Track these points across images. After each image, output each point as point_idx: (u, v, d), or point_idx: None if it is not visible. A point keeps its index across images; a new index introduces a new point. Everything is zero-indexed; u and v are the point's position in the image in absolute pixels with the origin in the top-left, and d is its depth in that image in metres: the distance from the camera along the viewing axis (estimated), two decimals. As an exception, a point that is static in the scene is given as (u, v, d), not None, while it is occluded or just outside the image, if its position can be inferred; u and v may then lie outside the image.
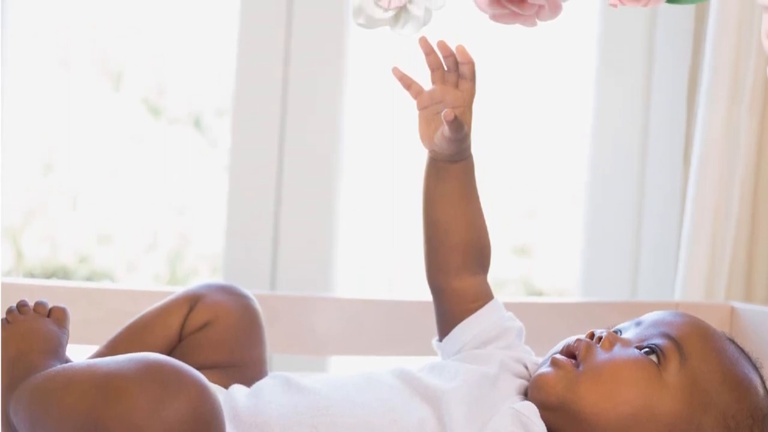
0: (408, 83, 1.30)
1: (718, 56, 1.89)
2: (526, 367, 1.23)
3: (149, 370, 0.94)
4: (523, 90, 2.18)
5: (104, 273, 2.12)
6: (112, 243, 2.12)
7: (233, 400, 1.13)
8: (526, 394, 1.17)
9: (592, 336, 1.17)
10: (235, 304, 1.28)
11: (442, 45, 1.28)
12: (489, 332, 1.28)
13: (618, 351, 1.14)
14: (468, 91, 1.28)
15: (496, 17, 1.10)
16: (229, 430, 1.07)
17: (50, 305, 1.16)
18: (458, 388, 1.14)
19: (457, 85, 1.28)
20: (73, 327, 1.17)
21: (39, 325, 1.12)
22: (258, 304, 1.31)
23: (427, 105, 1.29)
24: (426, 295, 1.35)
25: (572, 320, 1.77)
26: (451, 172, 1.30)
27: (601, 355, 1.14)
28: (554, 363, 1.15)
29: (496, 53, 2.05)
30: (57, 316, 1.15)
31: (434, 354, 1.35)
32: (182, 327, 1.26)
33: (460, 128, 1.24)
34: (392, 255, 2.16)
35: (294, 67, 1.99)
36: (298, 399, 1.12)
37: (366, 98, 2.07)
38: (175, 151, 2.12)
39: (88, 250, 2.12)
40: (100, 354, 1.24)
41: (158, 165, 2.11)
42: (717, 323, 1.59)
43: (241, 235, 2.00)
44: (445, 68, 1.29)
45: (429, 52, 1.28)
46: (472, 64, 1.27)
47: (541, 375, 1.15)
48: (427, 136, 1.29)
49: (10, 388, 1.04)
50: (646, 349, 1.14)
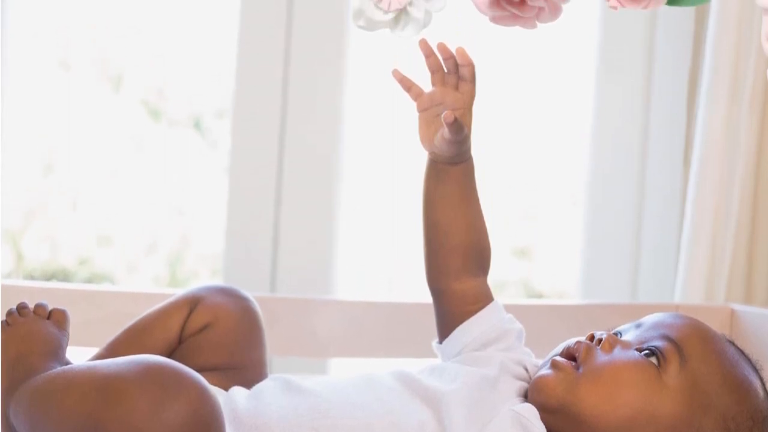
0: (408, 85, 1.30)
1: (718, 57, 1.89)
2: (526, 369, 1.23)
3: (149, 373, 0.94)
4: (523, 92, 2.18)
5: (104, 275, 2.12)
6: (112, 245, 2.12)
7: (233, 402, 1.13)
8: (526, 396, 1.17)
9: (592, 338, 1.17)
10: (235, 306, 1.28)
11: (442, 47, 1.28)
12: (489, 334, 1.28)
13: (618, 353, 1.14)
14: (468, 93, 1.28)
15: (496, 19, 1.11)
16: (229, 433, 1.07)
17: (50, 307, 1.16)
18: (458, 390, 1.14)
19: (457, 87, 1.28)
20: (73, 329, 1.17)
21: (39, 328, 1.12)
22: (258, 306, 1.31)
23: (427, 107, 1.29)
24: (426, 297, 1.35)
25: (572, 322, 1.77)
26: (451, 174, 1.30)
27: (601, 357, 1.14)
28: (554, 365, 1.15)
29: (496, 55, 2.05)
30: (57, 318, 1.15)
31: (434, 356, 1.34)
32: (182, 329, 1.26)
33: (460, 130, 1.24)
34: (392, 257, 2.15)
35: (294, 69, 1.99)
36: (299, 401, 1.12)
37: (366, 100, 2.07)
38: (175, 153, 2.12)
39: (88, 252, 2.12)
40: (100, 356, 1.24)
41: (158, 167, 2.11)
42: (717, 325, 1.58)
43: (241, 236, 2.00)
44: (445, 70, 1.29)
45: (429, 54, 1.28)
46: (472, 66, 1.27)
47: (541, 377, 1.15)
48: (427, 138, 1.29)
49: (10, 390, 1.04)
50: (646, 351, 1.14)
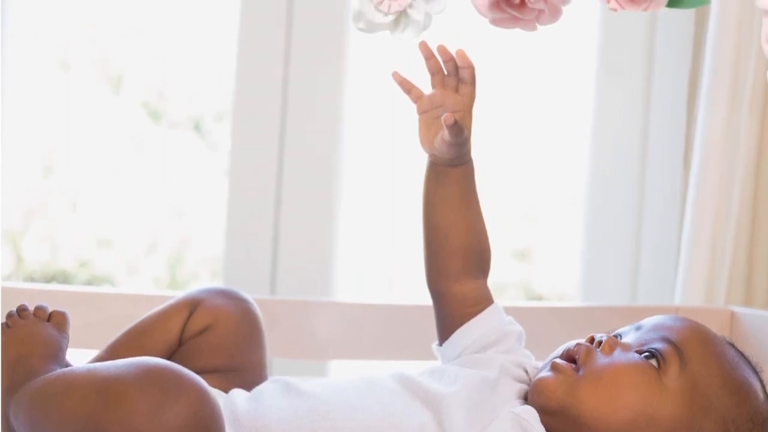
0: (408, 87, 1.30)
1: (718, 59, 1.89)
2: (526, 372, 1.23)
3: (149, 375, 0.94)
4: (524, 94, 2.18)
5: (104, 277, 2.12)
6: (112, 247, 2.12)
7: (233, 404, 1.13)
8: (526, 399, 1.17)
9: (592, 340, 1.17)
10: (235, 309, 1.28)
11: (442, 49, 1.28)
12: (489, 336, 1.28)
13: (618, 355, 1.14)
14: (468, 95, 1.28)
15: (496, 21, 1.11)
16: (229, 435, 1.07)
17: (50, 309, 1.16)
18: (458, 392, 1.14)
19: (457, 90, 1.28)
20: (73, 331, 1.17)
21: (39, 330, 1.12)
22: (258, 308, 1.31)
23: (427, 109, 1.29)
24: (426, 299, 1.35)
25: (572, 325, 1.77)
26: (451, 176, 1.30)
27: (601, 359, 1.14)
28: (554, 367, 1.15)
29: (496, 57, 2.05)
30: (57, 321, 1.15)
31: (434, 358, 1.34)
32: (182, 331, 1.26)
33: (460, 132, 1.24)
34: (392, 259, 2.15)
35: (294, 71, 1.99)
36: (298, 403, 1.12)
37: (366, 102, 2.07)
38: (175, 155, 2.12)
39: (88, 254, 2.12)
40: (100, 358, 1.24)
41: (158, 169, 2.11)
42: (717, 327, 1.58)
43: (241, 239, 2.00)
44: (445, 72, 1.29)
45: (429, 56, 1.28)
46: (472, 68, 1.27)
47: (541, 379, 1.15)
48: (427, 141, 1.29)
49: (10, 392, 1.04)
50: (646, 354, 1.14)
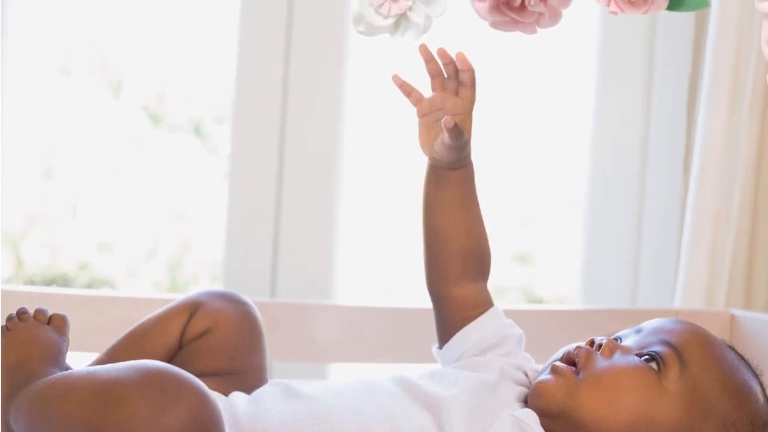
0: (408, 90, 1.30)
1: (718, 62, 1.89)
2: (526, 375, 1.23)
3: (149, 378, 0.94)
4: (524, 97, 2.18)
5: (104, 280, 2.12)
6: (112, 250, 2.12)
7: (233, 407, 1.13)
8: (526, 402, 1.17)
9: (592, 343, 1.17)
10: (235, 312, 1.28)
11: (442, 52, 1.28)
12: (489, 339, 1.28)
13: (618, 358, 1.14)
14: (468, 98, 1.28)
15: (496, 24, 1.11)
16: (229, 438, 1.07)
17: (50, 313, 1.16)
18: (458, 395, 1.14)
19: (457, 93, 1.28)
20: (73, 334, 1.17)
21: (39, 333, 1.12)
22: (258, 311, 1.31)
23: (427, 112, 1.29)
24: (426, 302, 1.35)
25: (572, 328, 1.77)
26: (451, 179, 1.30)
27: (601, 362, 1.14)
28: (554, 370, 1.15)
29: (497, 60, 2.05)
30: (57, 324, 1.15)
31: (434, 361, 1.34)
32: (182, 334, 1.26)
33: (460, 135, 1.24)
34: (392, 262, 2.15)
35: (294, 74, 1.99)
36: (298, 406, 1.12)
37: (366, 105, 2.07)
38: (175, 159, 2.12)
39: (88, 258, 2.12)
40: (100, 361, 1.24)
41: (158, 172, 2.11)
42: (717, 331, 1.59)
43: (241, 242, 2.00)
44: (445, 75, 1.29)
45: (429, 59, 1.28)
46: (472, 71, 1.27)
47: (541, 382, 1.15)
48: (427, 144, 1.29)
49: (10, 395, 1.04)
50: (646, 357, 1.14)
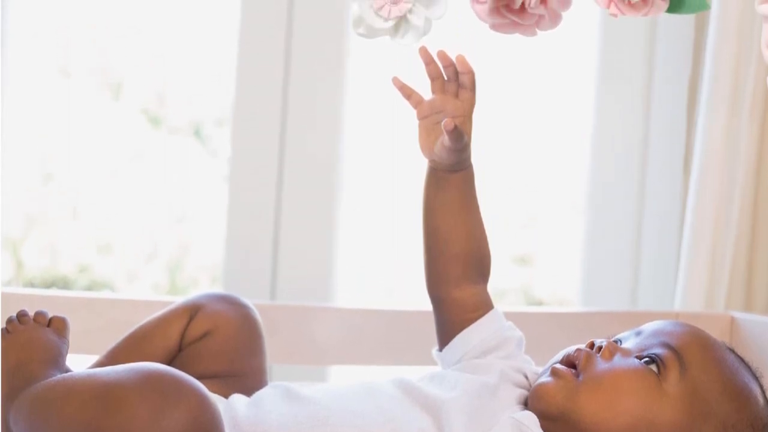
0: (408, 93, 1.30)
1: (718, 65, 1.89)
2: (526, 377, 1.22)
3: (149, 380, 0.94)
4: (524, 99, 2.18)
5: (104, 283, 2.12)
6: (111, 253, 2.12)
7: (233, 409, 1.12)
8: (526, 404, 1.17)
9: (592, 346, 1.17)
10: (235, 314, 1.28)
11: (442, 55, 1.28)
12: (489, 342, 1.28)
13: (618, 361, 1.14)
14: (468, 100, 1.28)
15: (495, 27, 1.11)
16: (229, 440, 1.07)
17: (50, 315, 1.16)
18: (458, 397, 1.14)
19: (457, 95, 1.28)
20: (73, 337, 1.16)
21: (39, 335, 1.12)
22: (258, 313, 1.31)
23: (427, 115, 1.29)
24: (426, 304, 1.35)
25: (572, 330, 1.77)
26: (451, 181, 1.30)
27: (601, 364, 1.14)
28: (554, 373, 1.15)
29: (497, 63, 2.05)
30: (57, 326, 1.15)
31: (434, 364, 1.34)
32: (182, 337, 1.26)
33: (460, 138, 1.24)
34: (392, 264, 2.15)
35: (294, 76, 1.99)
36: (298, 409, 1.12)
37: (366, 108, 2.07)
38: (175, 161, 2.12)
39: (88, 260, 2.12)
40: (100, 364, 1.24)
41: (158, 175, 2.11)
42: (717, 333, 1.59)
43: (241, 244, 2.00)
44: (445, 78, 1.29)
45: (429, 61, 1.28)
46: (472, 73, 1.27)
47: (541, 385, 1.15)
48: (427, 146, 1.29)
49: (10, 397, 1.04)
50: (646, 359, 1.14)
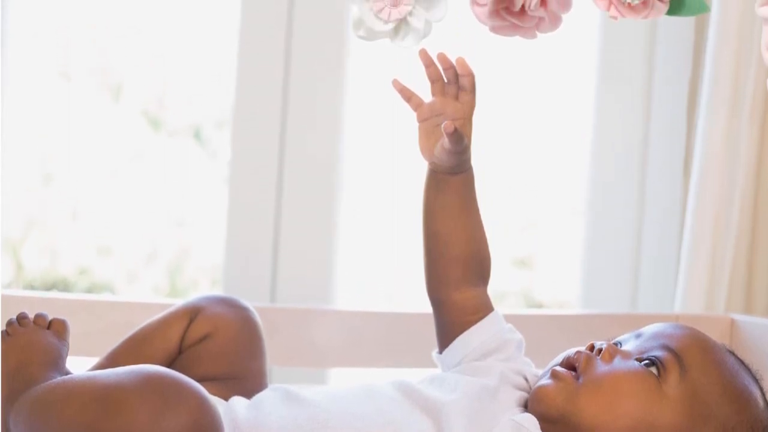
0: (408, 95, 1.30)
1: (718, 68, 1.89)
2: (526, 379, 1.23)
3: (149, 382, 0.95)
4: (523, 101, 2.18)
5: (104, 285, 2.12)
6: (111, 255, 2.12)
7: (233, 412, 1.12)
8: (526, 406, 1.17)
9: (592, 348, 1.17)
10: (235, 317, 1.28)
11: (442, 57, 1.28)
12: (489, 344, 1.28)
13: (618, 363, 1.14)
14: (468, 103, 1.28)
15: (495, 29, 1.11)
16: (229, 443, 1.07)
17: (50, 317, 1.16)
18: (458, 400, 1.14)
19: (457, 97, 1.28)
20: (73, 339, 1.16)
21: (39, 338, 1.12)
22: (258, 316, 1.31)
23: (427, 117, 1.29)
24: (426, 307, 1.35)
25: (572, 332, 1.77)
26: (451, 184, 1.30)
27: (601, 367, 1.14)
28: (554, 375, 1.15)
29: (497, 65, 2.05)
30: (57, 329, 1.15)
31: (434, 366, 1.34)
32: (182, 339, 1.26)
33: (460, 140, 1.24)
34: (392, 267, 2.15)
35: (294, 79, 1.99)
36: (298, 411, 1.12)
37: (366, 110, 2.07)
38: (175, 163, 2.12)
39: (88, 262, 2.12)
40: (100, 366, 1.24)
41: (158, 177, 2.11)
42: (717, 335, 1.58)
43: (240, 247, 2.00)
44: (445, 80, 1.29)
45: (429, 64, 1.28)
46: (472, 76, 1.27)
47: (541, 387, 1.15)
48: (427, 149, 1.29)
49: (10, 400, 1.04)
50: (646, 362, 1.14)
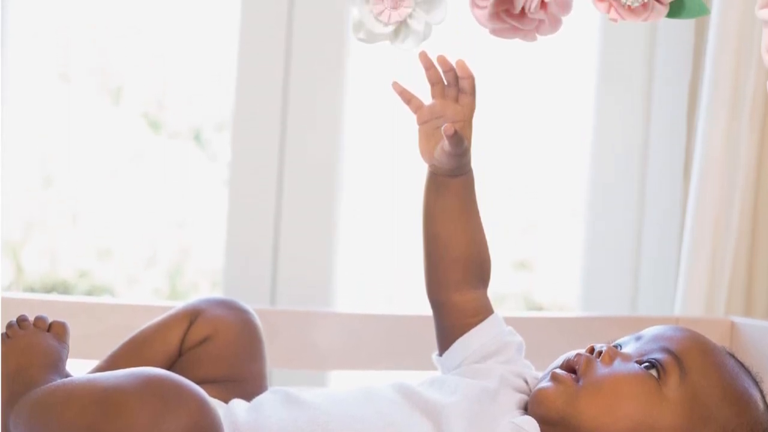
0: (408, 98, 1.30)
1: (718, 70, 1.89)
2: (526, 382, 1.22)
3: (149, 385, 0.95)
4: (524, 104, 2.18)
5: (104, 287, 2.12)
6: (112, 257, 2.12)
7: (233, 414, 1.12)
8: (526, 409, 1.16)
9: (592, 350, 1.17)
10: (235, 319, 1.28)
11: (442, 60, 1.28)
12: (489, 347, 1.28)
13: (618, 365, 1.14)
14: (468, 105, 1.28)
15: (496, 32, 1.11)
16: (229, 445, 1.07)
17: (50, 320, 1.16)
18: (458, 402, 1.14)
19: (457, 100, 1.28)
20: (73, 342, 1.16)
21: (39, 340, 1.12)
22: (258, 318, 1.31)
23: (427, 120, 1.29)
24: (426, 309, 1.35)
25: (572, 335, 1.77)
26: (451, 186, 1.30)
27: (601, 369, 1.14)
28: (554, 377, 1.15)
29: (497, 68, 2.05)
30: (57, 331, 1.15)
31: (434, 368, 1.34)
32: (182, 342, 1.26)
33: (460, 143, 1.24)
34: (392, 270, 2.15)
35: (294, 81, 2.00)
36: (298, 414, 1.11)
37: (366, 113, 2.07)
38: (175, 166, 2.12)
39: (88, 265, 2.12)
40: (100, 369, 1.24)
41: (158, 179, 2.11)
42: (717, 338, 1.58)
43: (241, 249, 2.00)
44: (445, 83, 1.29)
45: (429, 66, 1.28)
46: (472, 78, 1.28)
47: (541, 389, 1.15)
48: (427, 151, 1.29)
49: (10, 402, 1.04)
50: (646, 364, 1.14)
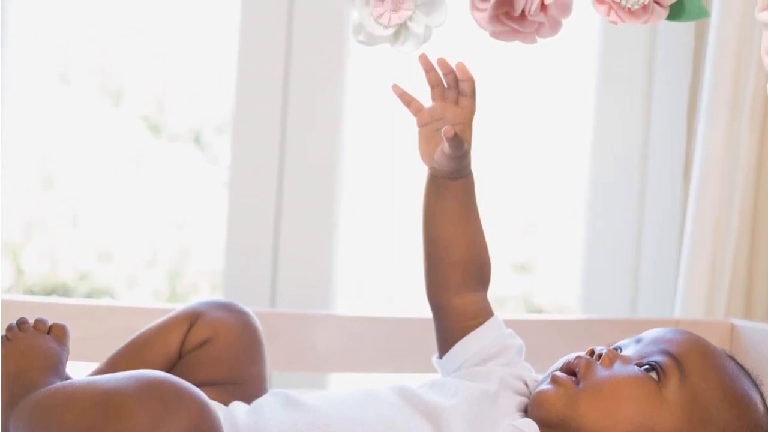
0: (408, 100, 1.30)
1: (718, 72, 1.89)
2: (526, 384, 1.22)
3: (149, 388, 0.95)
4: (524, 106, 2.18)
5: (104, 290, 2.12)
6: (111, 260, 2.12)
7: (233, 417, 1.12)
8: (526, 412, 1.17)
9: (592, 353, 1.17)
10: (235, 322, 1.28)
11: (442, 62, 1.28)
12: (489, 349, 1.28)
13: (618, 368, 1.14)
14: (468, 108, 1.28)
15: (495, 34, 1.11)
16: (229, 448, 1.07)
17: (50, 322, 1.16)
18: (458, 405, 1.14)
19: (457, 102, 1.28)
20: (72, 344, 1.17)
21: (39, 343, 1.12)
22: (258, 321, 1.31)
23: (427, 122, 1.29)
24: (426, 312, 1.35)
25: (572, 337, 1.77)
26: (451, 189, 1.30)
27: (601, 372, 1.14)
28: (554, 380, 1.15)
29: (497, 70, 2.05)
30: (57, 334, 1.15)
31: (434, 371, 1.34)
32: (182, 344, 1.26)
33: (460, 145, 1.24)
34: (392, 272, 2.15)
35: (294, 84, 2.00)
36: (298, 416, 1.11)
37: (366, 115, 2.07)
38: (175, 168, 2.12)
39: (88, 267, 2.12)
40: (100, 371, 1.24)
41: (158, 182, 2.11)
42: (717, 340, 1.59)
43: (241, 252, 2.00)
44: (445, 85, 1.29)
45: (429, 69, 1.29)
46: (472, 81, 1.28)
47: (541, 392, 1.15)
48: (427, 154, 1.29)
49: (10, 405, 1.04)
50: (646, 366, 1.14)
